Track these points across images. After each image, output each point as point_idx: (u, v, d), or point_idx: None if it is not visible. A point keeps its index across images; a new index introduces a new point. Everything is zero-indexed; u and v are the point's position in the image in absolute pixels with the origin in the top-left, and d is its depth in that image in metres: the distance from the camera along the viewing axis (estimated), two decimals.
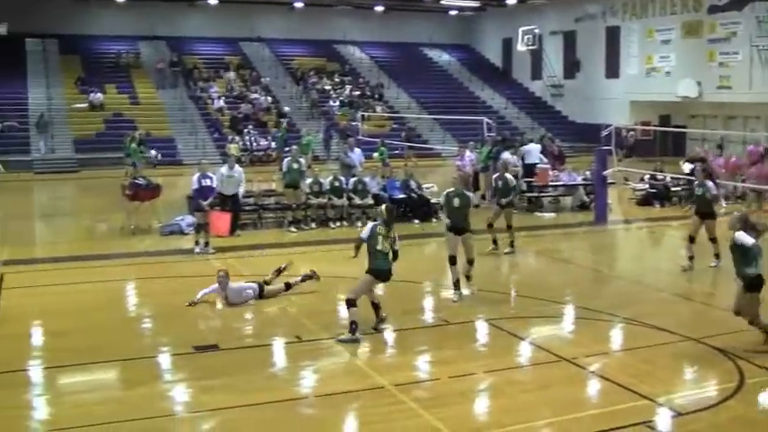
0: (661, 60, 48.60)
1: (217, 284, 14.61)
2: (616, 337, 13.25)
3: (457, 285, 15.09)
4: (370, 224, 13.75)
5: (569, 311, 14.67)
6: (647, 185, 28.66)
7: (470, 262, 15.50)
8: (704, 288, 17.07)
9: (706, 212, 17.69)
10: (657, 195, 28.16)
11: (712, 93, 44.87)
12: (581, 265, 18.96)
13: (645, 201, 28.19)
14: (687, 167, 28.20)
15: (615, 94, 50.47)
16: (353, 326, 12.51)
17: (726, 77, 44.34)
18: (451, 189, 15.80)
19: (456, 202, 15.55)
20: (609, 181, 25.06)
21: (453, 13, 63.48)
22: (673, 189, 28.40)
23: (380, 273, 13.04)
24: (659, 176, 28.55)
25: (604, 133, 27.80)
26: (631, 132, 38.10)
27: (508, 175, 19.99)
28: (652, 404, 10.03)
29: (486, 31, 64.93)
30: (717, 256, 17.39)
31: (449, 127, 48.39)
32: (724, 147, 36.37)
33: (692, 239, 17.64)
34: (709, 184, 17.76)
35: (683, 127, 46.82)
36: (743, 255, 11.87)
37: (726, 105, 44.96)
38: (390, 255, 13.06)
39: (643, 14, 49.77)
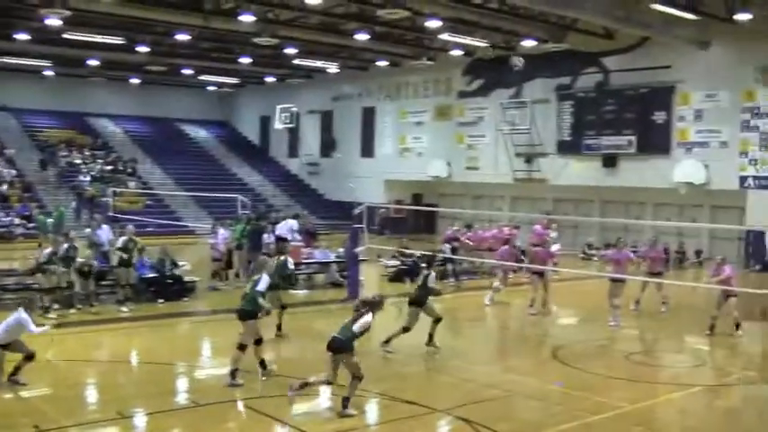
0: (414, 141, 50.18)
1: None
2: (366, 411, 13.24)
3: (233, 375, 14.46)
4: None
5: (323, 388, 14.57)
6: (399, 262, 29.26)
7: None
8: (453, 362, 17.43)
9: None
10: (408, 272, 28.74)
11: (461, 173, 46.78)
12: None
13: (396, 277, 28.70)
14: (446, 248, 29.11)
15: (370, 172, 51.60)
16: None
17: (474, 158, 46.34)
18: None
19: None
20: (361, 258, 25.31)
21: (212, 88, 63.39)
22: (422, 266, 29.07)
23: None
24: (408, 253, 29.30)
25: (357, 211, 28.25)
26: (383, 210, 38.91)
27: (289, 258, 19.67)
28: None
29: (244, 108, 65.26)
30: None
31: (205, 204, 47.87)
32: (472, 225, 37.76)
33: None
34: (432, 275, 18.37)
35: (435, 205, 48.31)
36: None
37: (473, 185, 46.87)
38: None
39: (397, 96, 51.30)
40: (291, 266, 19.79)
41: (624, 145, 39.49)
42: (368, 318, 13.01)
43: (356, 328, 12.87)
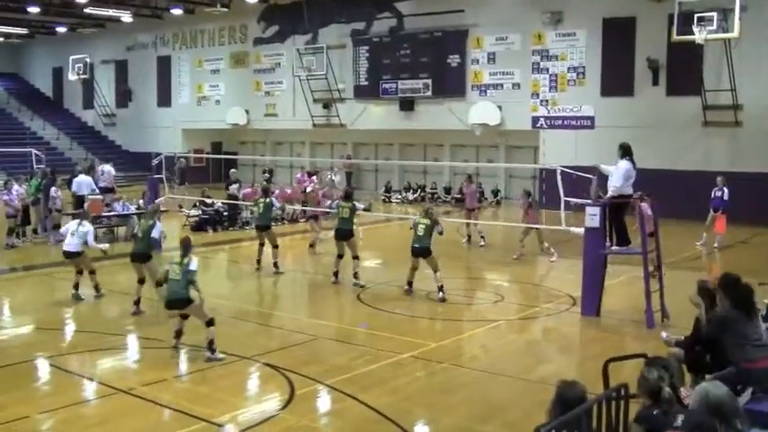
0: (211, 89, 49.73)
1: None
2: (173, 363, 13.28)
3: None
4: None
5: (127, 342, 14.54)
6: (200, 211, 29.18)
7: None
8: (259, 310, 17.66)
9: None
10: (210, 221, 28.75)
11: (260, 120, 46.74)
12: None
13: (199, 226, 28.60)
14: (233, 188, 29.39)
15: (167, 122, 50.97)
16: None
17: (272, 105, 46.30)
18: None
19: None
20: (162, 209, 25.05)
21: None
22: (225, 214, 29.13)
23: None
24: (209, 202, 29.30)
25: (155, 162, 27.95)
26: (183, 160, 38.45)
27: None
28: (211, 426, 10.18)
29: (35, 59, 62.99)
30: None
31: None
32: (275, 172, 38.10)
33: None
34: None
35: (235, 153, 48.10)
36: None
37: (273, 132, 47.00)
38: None
39: (193, 45, 50.61)
40: (277, 205, 22.36)
41: (420, 88, 40.24)
42: (440, 227, 17.90)
43: (437, 231, 17.75)
